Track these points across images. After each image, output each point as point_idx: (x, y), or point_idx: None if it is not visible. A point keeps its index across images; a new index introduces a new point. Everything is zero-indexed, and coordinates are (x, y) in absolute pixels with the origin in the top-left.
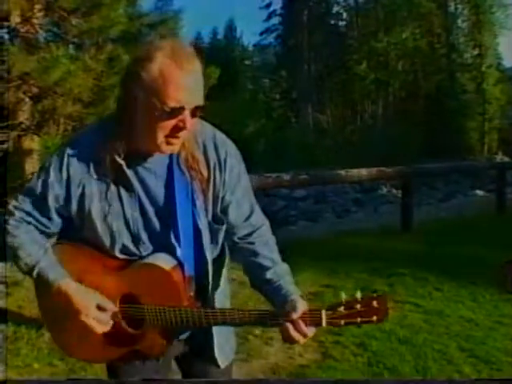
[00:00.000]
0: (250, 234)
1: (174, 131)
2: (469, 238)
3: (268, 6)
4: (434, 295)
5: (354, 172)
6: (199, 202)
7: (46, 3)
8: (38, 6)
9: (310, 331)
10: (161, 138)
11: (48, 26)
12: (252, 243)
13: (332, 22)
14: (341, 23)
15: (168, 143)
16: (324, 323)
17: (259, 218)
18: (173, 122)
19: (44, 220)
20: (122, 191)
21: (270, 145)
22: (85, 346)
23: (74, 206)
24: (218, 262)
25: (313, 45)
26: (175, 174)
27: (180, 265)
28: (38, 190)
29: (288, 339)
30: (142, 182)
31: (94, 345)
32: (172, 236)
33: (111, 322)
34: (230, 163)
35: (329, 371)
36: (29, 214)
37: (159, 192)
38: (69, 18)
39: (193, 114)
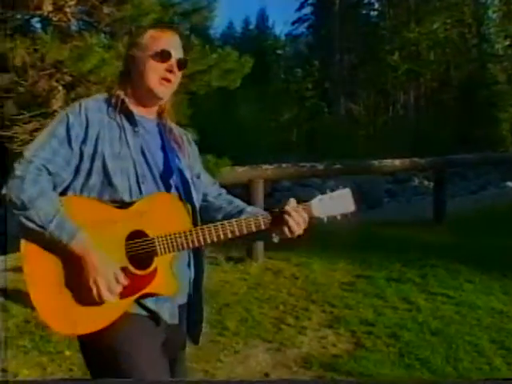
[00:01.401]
0: (220, 194)
1: (166, 73)
2: (500, 229)
3: None
4: (466, 287)
5: (388, 162)
6: (184, 162)
7: None
8: None
9: (305, 217)
10: (155, 78)
11: (80, 14)
12: (224, 198)
13: (364, 11)
14: (372, 13)
15: (161, 84)
16: (315, 213)
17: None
18: (164, 65)
19: (63, 165)
20: (129, 137)
21: (303, 134)
22: (90, 310)
23: (90, 148)
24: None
25: (345, 35)
26: (165, 138)
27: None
28: (59, 133)
29: (289, 229)
30: (142, 135)
31: (100, 303)
32: (169, 179)
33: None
34: (194, 143)
35: (361, 361)
36: (49, 160)
37: (155, 148)
38: (101, 7)
39: (178, 65)
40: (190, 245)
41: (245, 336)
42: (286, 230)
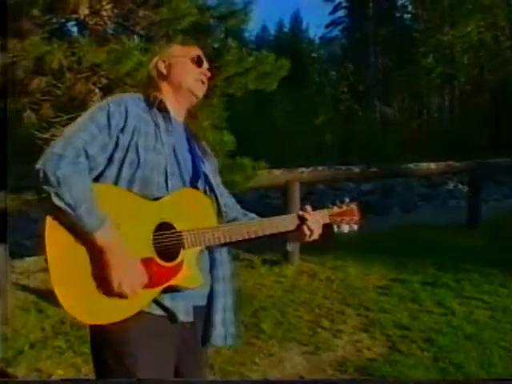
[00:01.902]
0: (235, 206)
1: (201, 75)
2: None
3: None
4: (500, 292)
5: (423, 166)
6: (209, 168)
7: None
8: None
9: (320, 221)
10: (193, 78)
11: (116, 18)
12: (239, 210)
13: (397, 14)
14: (406, 16)
15: (197, 82)
16: (327, 219)
17: None
18: (199, 69)
19: (99, 150)
20: (163, 134)
21: (337, 137)
22: (112, 300)
23: (126, 138)
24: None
25: (379, 38)
26: (191, 143)
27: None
28: (99, 119)
29: (305, 233)
30: (174, 135)
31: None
32: (197, 180)
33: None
34: (213, 157)
35: (395, 365)
36: (88, 142)
37: (184, 150)
38: (137, 10)
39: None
40: (217, 241)
41: (280, 339)
42: (305, 229)
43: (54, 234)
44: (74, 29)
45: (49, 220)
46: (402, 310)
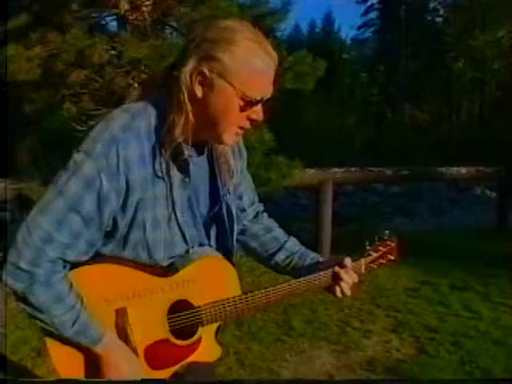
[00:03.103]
0: (256, 216)
1: (248, 123)
2: None
3: (365, 0)
4: None
5: (454, 170)
6: (231, 189)
7: None
8: None
9: (356, 278)
10: (234, 129)
11: (156, 14)
12: (261, 223)
13: (429, 18)
14: (437, 19)
15: (236, 134)
16: (363, 270)
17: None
18: (249, 110)
19: (85, 249)
20: (177, 192)
21: (366, 139)
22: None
23: (128, 217)
24: None
25: (410, 40)
26: (212, 162)
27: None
28: (86, 207)
29: (340, 289)
30: (191, 179)
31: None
32: (215, 227)
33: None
34: (244, 150)
35: (423, 367)
36: (68, 246)
37: (201, 181)
38: (178, 7)
39: (263, 106)
40: (240, 314)
41: (310, 337)
42: (337, 290)
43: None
44: (114, 24)
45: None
46: (430, 312)
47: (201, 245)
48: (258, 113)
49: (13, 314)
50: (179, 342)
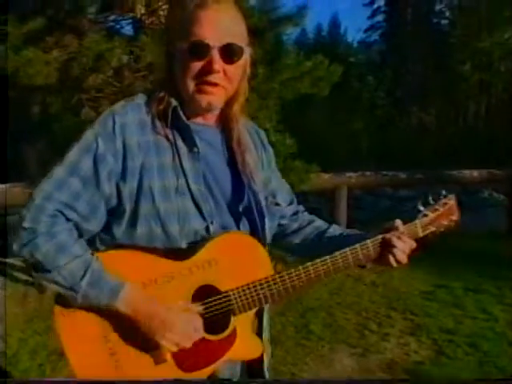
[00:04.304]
0: (296, 213)
1: (204, 74)
2: None
3: (372, 2)
4: None
5: (467, 173)
6: (257, 179)
7: None
8: None
9: (412, 244)
10: (191, 85)
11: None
12: (301, 217)
13: (435, 20)
14: (444, 22)
15: (200, 91)
16: (420, 233)
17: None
18: (200, 63)
19: (87, 212)
20: (186, 161)
21: (374, 142)
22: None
23: (131, 185)
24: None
25: (417, 43)
26: (232, 151)
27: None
28: (83, 167)
29: (394, 257)
30: (204, 155)
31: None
32: (240, 214)
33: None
34: (269, 146)
35: (442, 368)
36: (68, 205)
37: (220, 167)
38: None
39: (225, 56)
40: (276, 296)
41: (329, 341)
42: (391, 259)
43: (67, 326)
44: (129, 28)
45: (56, 311)
46: (446, 314)
47: (229, 226)
48: (210, 61)
49: (30, 318)
50: (210, 337)
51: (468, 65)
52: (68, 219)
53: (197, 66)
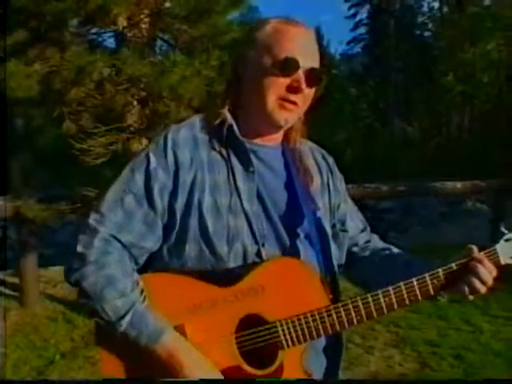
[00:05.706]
0: (368, 241)
1: (288, 91)
2: None
3: (354, 15)
4: None
5: (449, 184)
6: (321, 203)
7: (155, 9)
8: (146, 11)
9: (494, 271)
10: (273, 99)
11: (155, 31)
12: (373, 246)
13: (418, 32)
14: (426, 33)
15: (281, 107)
16: (502, 260)
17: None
18: (287, 80)
19: (143, 231)
20: (240, 180)
21: (357, 155)
22: None
23: (181, 201)
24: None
25: (400, 55)
26: (293, 173)
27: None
28: (136, 185)
29: (472, 288)
30: (260, 175)
31: None
32: (298, 238)
33: None
34: (338, 172)
35: (427, 381)
36: (121, 227)
37: (279, 189)
38: (176, 25)
39: (308, 79)
40: (329, 330)
41: None
42: (466, 289)
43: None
44: (111, 40)
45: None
46: (430, 327)
47: (287, 251)
48: (298, 81)
49: (12, 332)
50: (254, 371)
51: (451, 76)
52: (121, 243)
53: (283, 82)
